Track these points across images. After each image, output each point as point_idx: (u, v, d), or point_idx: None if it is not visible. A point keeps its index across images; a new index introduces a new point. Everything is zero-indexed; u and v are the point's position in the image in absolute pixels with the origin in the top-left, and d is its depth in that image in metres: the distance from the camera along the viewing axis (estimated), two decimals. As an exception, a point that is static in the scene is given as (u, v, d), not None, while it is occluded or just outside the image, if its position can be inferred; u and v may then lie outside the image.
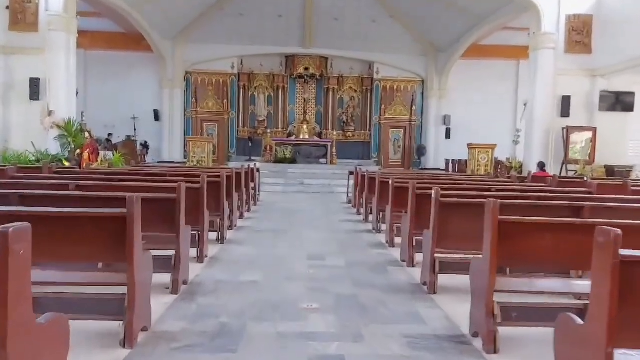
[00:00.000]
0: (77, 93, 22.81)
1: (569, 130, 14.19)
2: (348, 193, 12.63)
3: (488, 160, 15.38)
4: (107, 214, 3.55)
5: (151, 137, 22.57)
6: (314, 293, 5.03)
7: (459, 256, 5.22)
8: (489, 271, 3.65)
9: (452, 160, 21.55)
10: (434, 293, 5.08)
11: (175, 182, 6.68)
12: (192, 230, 5.97)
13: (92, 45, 22.48)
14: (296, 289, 5.16)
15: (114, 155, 15.35)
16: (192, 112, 22.86)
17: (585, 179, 9.46)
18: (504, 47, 22.35)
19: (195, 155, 16.38)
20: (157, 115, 22.79)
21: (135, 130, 22.49)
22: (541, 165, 12.27)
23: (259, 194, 12.56)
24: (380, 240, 7.88)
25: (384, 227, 8.31)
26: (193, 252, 6.07)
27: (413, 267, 6.14)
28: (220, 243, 7.25)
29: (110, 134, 21.07)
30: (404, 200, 6.94)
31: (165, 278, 4.88)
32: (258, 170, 12.63)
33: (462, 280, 5.28)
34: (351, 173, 12.68)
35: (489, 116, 22.76)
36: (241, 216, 9.56)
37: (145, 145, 22.33)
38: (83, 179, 6.89)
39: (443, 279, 5.20)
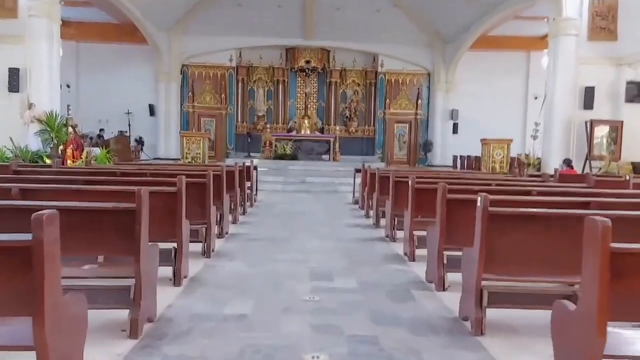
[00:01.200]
0: (69, 87, 21.55)
1: (592, 123, 12.81)
2: (354, 192, 11.27)
3: (503, 157, 14.00)
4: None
5: (146, 133, 21.22)
6: (320, 335, 3.68)
7: (512, 284, 3.88)
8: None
9: (460, 156, 20.17)
10: (481, 334, 3.73)
11: (157, 183, 5.38)
12: (168, 243, 4.65)
13: (84, 37, 21.16)
14: (297, 328, 3.80)
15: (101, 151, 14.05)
16: (189, 107, 21.50)
17: (627, 177, 8.08)
18: (515, 38, 20.98)
19: (190, 151, 15.00)
20: (152, 110, 21.43)
21: (129, 125, 21.16)
22: (568, 162, 10.90)
23: (256, 194, 11.22)
24: (397, 252, 6.52)
25: (400, 234, 6.96)
26: (168, 271, 4.73)
27: (444, 290, 4.79)
28: (206, 257, 5.89)
29: (102, 130, 19.74)
30: (427, 205, 5.63)
31: (122, 315, 3.55)
32: (255, 168, 11.27)
33: (520, 316, 3.95)
34: (357, 170, 11.31)
35: (498, 110, 21.40)
36: (234, 221, 8.22)
37: (139, 141, 20.98)
38: (37, 181, 5.54)
39: (493, 314, 3.85)
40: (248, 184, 10.01)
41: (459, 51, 20.71)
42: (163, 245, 4.36)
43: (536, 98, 21.61)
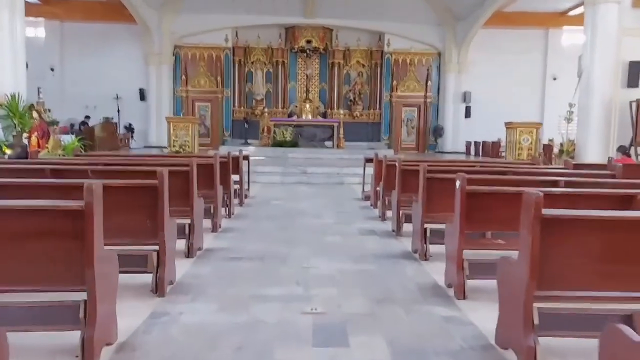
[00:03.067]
0: (53, 70, 19.40)
1: (639, 104, 10.70)
2: (364, 186, 9.20)
3: (532, 143, 11.91)
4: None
5: (136, 119, 19.14)
6: None
7: None
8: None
9: (475, 142, 18.09)
10: None
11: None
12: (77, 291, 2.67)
13: (69, 16, 19.00)
14: None
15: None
16: (182, 91, 19.36)
17: None
18: (532, 14, 18.74)
19: (178, 138, 12.95)
20: (142, 95, 19.30)
21: (118, 111, 19.07)
22: (624, 150, 8.79)
23: (247, 189, 9.15)
24: (435, 280, 4.45)
25: (434, 250, 4.95)
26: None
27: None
28: (159, 295, 3.85)
29: (87, 117, 17.64)
30: (483, 214, 3.62)
31: None
32: (246, 158, 9.18)
33: None
34: (368, 160, 9.23)
35: (514, 93, 19.28)
36: (215, 228, 6.17)
37: (129, 128, 18.93)
38: None
39: None
40: (236, 177, 7.96)
41: (472, 29, 18.46)
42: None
43: (555, 79, 19.51)
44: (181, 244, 4.82)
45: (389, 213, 7.03)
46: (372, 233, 6.36)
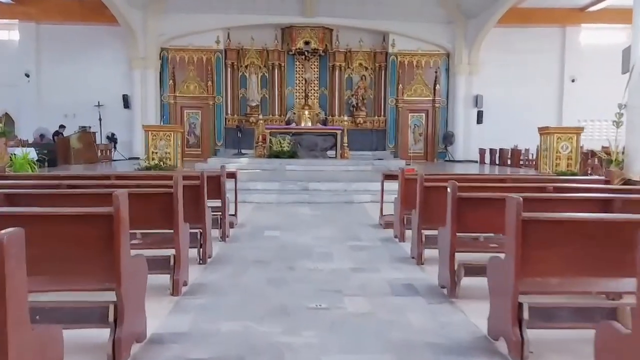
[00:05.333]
0: (28, 76, 17.05)
1: None
2: (382, 209, 6.91)
3: (571, 151, 9.72)
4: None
5: (120, 128, 16.91)
6: None
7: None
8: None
9: (491, 149, 15.94)
10: None
11: None
12: None
13: (45, 17, 16.87)
14: None
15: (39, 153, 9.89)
16: (170, 98, 17.19)
17: None
18: (548, 10, 16.68)
19: (157, 150, 10.73)
20: (126, 102, 17.08)
21: (100, 120, 16.83)
22: None
23: (234, 215, 6.90)
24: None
25: (534, 335, 2.77)
26: None
27: None
28: None
29: (62, 126, 15.40)
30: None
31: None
32: (233, 176, 6.90)
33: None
34: (389, 177, 6.98)
35: (530, 96, 17.17)
36: (175, 290, 3.90)
37: (112, 138, 16.69)
38: None
39: None
40: (218, 202, 5.75)
41: (483, 27, 16.36)
42: None
43: (573, 81, 17.39)
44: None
45: (427, 252, 4.83)
46: (410, 291, 4.11)
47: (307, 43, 17.07)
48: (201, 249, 4.78)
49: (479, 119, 17.22)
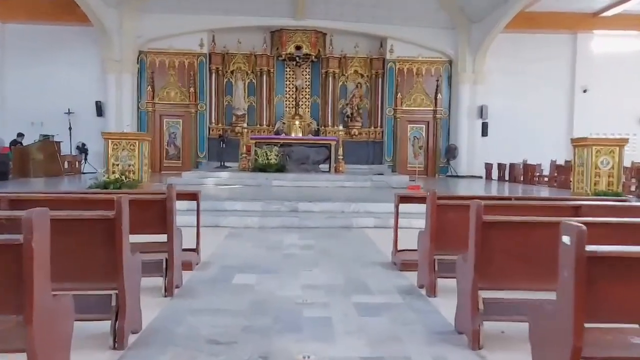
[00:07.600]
0: (-9, 79, 15.13)
1: None
2: (397, 243, 4.92)
3: (613, 167, 7.88)
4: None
5: (92, 138, 14.79)
6: None
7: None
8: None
9: (500, 164, 14.12)
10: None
11: None
12: None
13: (10, 16, 14.93)
14: None
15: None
16: (148, 105, 15.25)
17: None
18: (558, 14, 15.02)
19: (119, 162, 8.73)
20: (100, 109, 15.06)
21: (70, 128, 14.80)
22: None
23: (196, 250, 4.86)
24: None
25: None
26: None
27: None
28: None
29: (20, 135, 13.36)
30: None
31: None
32: (194, 197, 4.87)
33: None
34: (405, 199, 5.00)
35: (537, 107, 15.46)
36: None
37: (82, 149, 14.66)
38: None
39: None
40: (164, 237, 3.79)
41: (489, 33, 14.63)
42: None
43: (585, 91, 15.69)
44: None
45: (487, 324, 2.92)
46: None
47: (298, 48, 15.26)
48: (116, 324, 2.79)
49: (484, 131, 15.42)
